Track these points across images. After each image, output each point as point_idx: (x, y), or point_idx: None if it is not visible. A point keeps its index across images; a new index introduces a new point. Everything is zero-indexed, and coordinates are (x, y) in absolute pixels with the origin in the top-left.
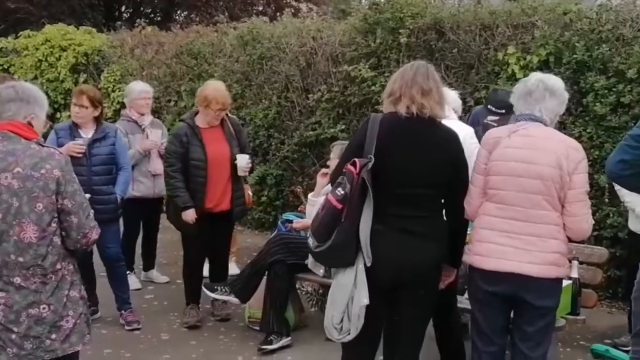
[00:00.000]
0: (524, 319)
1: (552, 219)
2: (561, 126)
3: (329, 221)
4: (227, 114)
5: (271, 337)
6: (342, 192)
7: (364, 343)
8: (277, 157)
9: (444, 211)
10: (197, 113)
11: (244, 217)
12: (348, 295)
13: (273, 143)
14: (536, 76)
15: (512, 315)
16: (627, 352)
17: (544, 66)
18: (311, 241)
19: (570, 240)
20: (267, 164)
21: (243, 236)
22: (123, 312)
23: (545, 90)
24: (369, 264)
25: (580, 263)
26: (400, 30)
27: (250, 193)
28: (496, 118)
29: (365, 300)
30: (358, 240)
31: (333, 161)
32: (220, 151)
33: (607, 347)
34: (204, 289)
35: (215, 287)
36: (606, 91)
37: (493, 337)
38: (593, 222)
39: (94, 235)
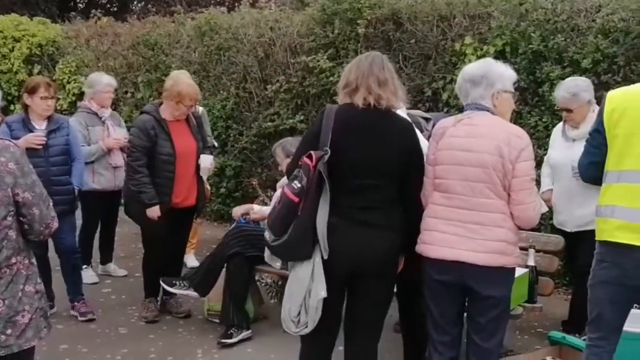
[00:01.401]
0: (475, 310)
1: (496, 207)
2: (517, 116)
3: (285, 215)
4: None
5: (231, 331)
6: (299, 185)
7: (322, 334)
8: (236, 148)
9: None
10: (160, 104)
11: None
12: (305, 288)
13: (231, 134)
14: (463, 69)
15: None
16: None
17: (500, 56)
18: (268, 235)
19: (520, 228)
20: (225, 156)
21: (202, 228)
22: (76, 303)
23: (465, 82)
24: (325, 257)
25: (537, 251)
26: (358, 21)
27: (208, 187)
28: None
29: (323, 293)
30: (315, 234)
31: (284, 162)
32: (187, 145)
33: (563, 334)
34: (162, 284)
35: (174, 282)
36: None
37: (446, 327)
38: (547, 208)
39: (55, 224)
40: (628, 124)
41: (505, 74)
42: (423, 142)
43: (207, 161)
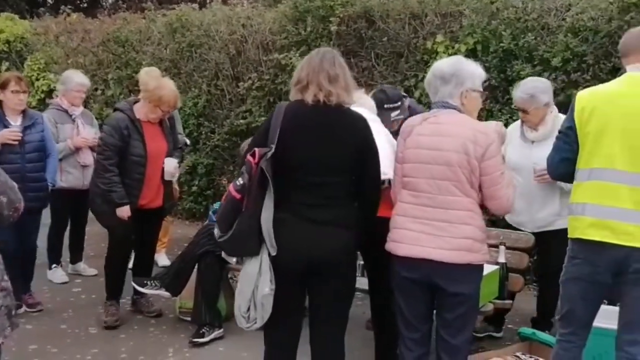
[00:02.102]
0: (444, 306)
1: (462, 205)
2: (488, 114)
3: (229, 211)
4: None
5: (203, 330)
6: (241, 182)
7: (283, 332)
8: (208, 146)
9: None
10: (134, 102)
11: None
12: (253, 284)
13: (203, 132)
14: (432, 67)
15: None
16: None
17: (471, 55)
18: (216, 231)
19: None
20: (197, 153)
21: (174, 227)
22: (23, 295)
23: (435, 79)
24: (273, 254)
25: (507, 248)
26: (330, 19)
27: (177, 187)
28: (397, 112)
29: (267, 290)
30: (261, 230)
31: None
32: (159, 147)
33: (533, 330)
34: (133, 284)
35: (145, 282)
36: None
37: (416, 324)
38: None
39: (22, 206)
40: (597, 123)
41: (475, 72)
42: (381, 137)
43: (171, 165)
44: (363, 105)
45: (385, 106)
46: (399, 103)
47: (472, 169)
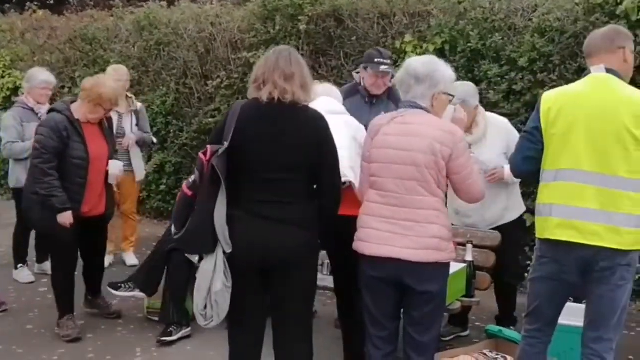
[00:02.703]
0: (411, 304)
1: (429, 204)
2: None
3: (182, 209)
4: (133, 100)
5: (171, 329)
6: (193, 179)
7: (245, 331)
8: (176, 144)
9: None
10: (72, 102)
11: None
12: (209, 282)
13: (171, 130)
14: (405, 65)
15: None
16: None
17: (439, 54)
18: (172, 228)
19: None
20: (165, 152)
21: (142, 226)
22: None
23: (410, 78)
24: (227, 251)
25: (474, 247)
26: (299, 17)
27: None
28: (386, 66)
29: (219, 286)
30: (214, 228)
31: None
32: (100, 149)
33: (500, 327)
34: (108, 288)
35: (119, 285)
36: (499, 79)
37: (384, 322)
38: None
39: None
40: (563, 124)
41: (448, 75)
42: (344, 134)
43: (116, 168)
44: (329, 94)
45: (376, 60)
46: (389, 61)
47: (439, 169)
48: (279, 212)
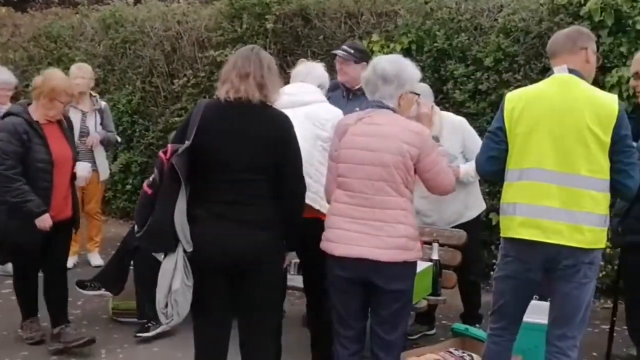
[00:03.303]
0: (378, 303)
1: (397, 204)
2: None
3: (142, 207)
4: (97, 99)
5: (149, 324)
6: (152, 177)
7: (209, 330)
8: (142, 144)
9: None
10: (28, 105)
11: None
12: (169, 280)
13: (137, 130)
14: (371, 64)
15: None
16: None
17: (406, 54)
18: (136, 227)
19: None
20: (131, 152)
21: (107, 226)
22: None
23: (377, 78)
24: (188, 250)
25: (441, 245)
26: (266, 16)
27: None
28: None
29: (177, 285)
30: (174, 226)
31: None
32: (63, 151)
33: (466, 326)
34: (76, 287)
35: (86, 284)
36: (465, 79)
37: (351, 322)
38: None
39: None
40: (527, 124)
41: (415, 75)
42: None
43: (84, 170)
44: (308, 75)
45: (341, 47)
46: (352, 50)
47: (407, 169)
48: (239, 212)
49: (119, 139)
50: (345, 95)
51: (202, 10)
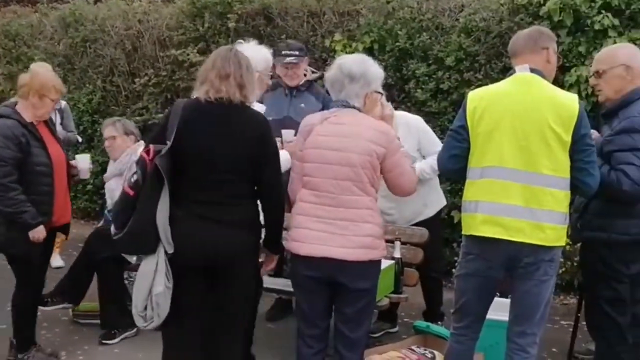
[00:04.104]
0: (344, 302)
1: (363, 204)
2: None
3: (124, 208)
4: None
5: (114, 331)
6: (135, 178)
7: (183, 332)
8: (103, 143)
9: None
10: (15, 105)
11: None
12: (150, 282)
13: (98, 129)
14: (337, 63)
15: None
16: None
17: (368, 53)
18: (112, 228)
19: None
20: (92, 151)
21: None
22: None
23: (344, 77)
24: (170, 251)
25: (403, 243)
26: (228, 15)
27: None
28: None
29: (160, 288)
30: (155, 228)
31: (121, 138)
32: (58, 152)
33: (428, 323)
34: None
35: (46, 300)
36: (427, 78)
37: (316, 321)
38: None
39: None
40: (488, 123)
41: (379, 74)
42: None
43: (86, 161)
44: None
45: (283, 52)
46: (297, 52)
47: (373, 169)
48: (220, 212)
49: (80, 139)
50: (287, 93)
51: (163, 9)
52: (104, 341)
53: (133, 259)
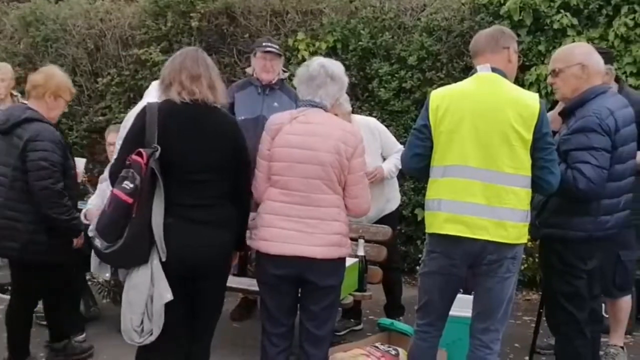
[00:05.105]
0: (311, 299)
1: (332, 202)
2: None
3: (119, 218)
4: (18, 99)
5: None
6: (132, 185)
7: (170, 339)
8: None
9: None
10: (27, 108)
11: None
12: (146, 295)
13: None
14: (317, 61)
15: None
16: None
17: (332, 52)
18: (99, 242)
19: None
20: None
21: None
22: None
23: (326, 76)
24: (164, 259)
25: (366, 241)
26: (191, 14)
27: None
28: None
29: (169, 296)
30: (151, 235)
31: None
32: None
33: (392, 320)
34: None
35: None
36: (390, 77)
37: (281, 319)
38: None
39: None
40: (450, 122)
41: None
42: None
43: (82, 165)
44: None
45: (264, 44)
46: (278, 48)
47: (342, 168)
48: (207, 215)
49: None
50: (261, 91)
51: (125, 8)
52: (51, 344)
53: (107, 275)
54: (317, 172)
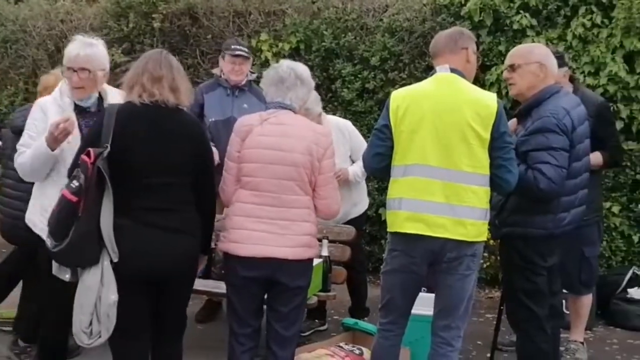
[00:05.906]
0: (279, 300)
1: (303, 203)
2: None
3: (65, 217)
4: None
5: (29, 347)
6: (77, 184)
7: (132, 343)
8: None
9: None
10: None
11: None
12: (95, 296)
13: None
14: (286, 63)
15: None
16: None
17: (295, 53)
18: (49, 241)
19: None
20: None
21: None
22: None
23: (296, 78)
24: (115, 260)
25: (330, 241)
26: (153, 15)
27: None
28: None
29: (114, 297)
30: (100, 235)
31: None
32: None
33: (356, 320)
34: None
35: None
36: (353, 77)
37: (249, 320)
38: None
39: None
40: (411, 121)
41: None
42: None
43: None
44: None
45: (233, 46)
46: (247, 49)
47: (313, 169)
48: (168, 220)
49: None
50: (230, 93)
51: (87, 9)
52: (17, 352)
53: (67, 277)
54: (290, 173)
